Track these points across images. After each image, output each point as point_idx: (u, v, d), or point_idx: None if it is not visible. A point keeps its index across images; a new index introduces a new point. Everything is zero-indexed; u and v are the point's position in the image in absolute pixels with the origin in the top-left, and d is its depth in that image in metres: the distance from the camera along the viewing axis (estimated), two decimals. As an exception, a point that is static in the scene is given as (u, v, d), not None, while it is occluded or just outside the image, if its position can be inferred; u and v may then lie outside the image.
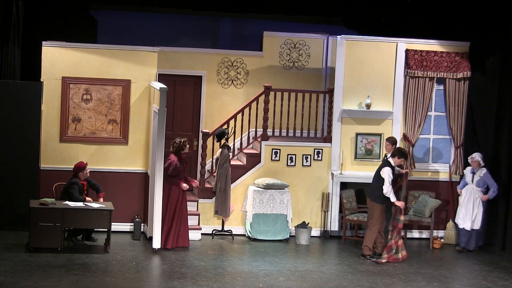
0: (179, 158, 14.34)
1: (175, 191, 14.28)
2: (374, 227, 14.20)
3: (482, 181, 15.02)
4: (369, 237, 14.24)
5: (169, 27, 17.38)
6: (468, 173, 15.20)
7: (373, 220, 14.21)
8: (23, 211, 14.22)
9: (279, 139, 16.01)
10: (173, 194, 14.27)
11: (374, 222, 14.19)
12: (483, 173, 15.01)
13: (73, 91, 15.20)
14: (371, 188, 14.43)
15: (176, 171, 14.25)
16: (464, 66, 16.05)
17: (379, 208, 14.17)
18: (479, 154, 15.12)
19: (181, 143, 14.39)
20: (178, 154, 14.37)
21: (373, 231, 14.21)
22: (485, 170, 15.03)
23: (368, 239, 14.24)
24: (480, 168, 15.04)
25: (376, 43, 15.97)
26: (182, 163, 14.38)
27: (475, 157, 15.06)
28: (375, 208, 14.18)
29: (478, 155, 15.09)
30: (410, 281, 12.99)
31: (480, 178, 15.01)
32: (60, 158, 15.18)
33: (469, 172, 15.16)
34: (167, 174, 14.17)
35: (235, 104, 16.57)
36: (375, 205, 14.17)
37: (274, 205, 15.40)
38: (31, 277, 12.01)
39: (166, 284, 12.14)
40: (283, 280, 12.70)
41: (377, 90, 15.99)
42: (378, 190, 14.11)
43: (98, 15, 16.92)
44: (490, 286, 13.01)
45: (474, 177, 15.09)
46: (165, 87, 14.19)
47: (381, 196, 14.09)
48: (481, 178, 15.01)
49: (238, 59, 16.70)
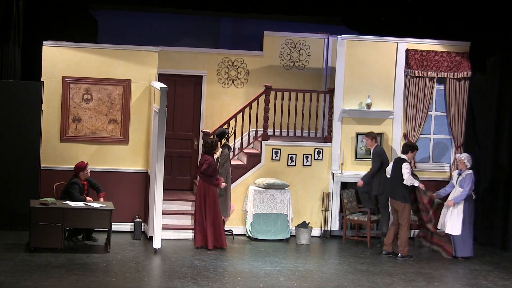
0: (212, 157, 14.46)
1: (212, 191, 14.39)
2: (406, 226, 14.35)
3: (464, 181, 14.44)
4: (404, 237, 14.35)
5: (170, 27, 17.37)
6: (455, 173, 14.82)
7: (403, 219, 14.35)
8: (24, 211, 14.23)
9: (279, 139, 16.02)
10: (210, 194, 14.37)
11: (406, 221, 14.34)
12: (466, 174, 14.46)
13: (73, 91, 15.21)
14: (390, 189, 14.48)
15: (215, 171, 14.35)
16: (465, 66, 16.05)
17: (407, 207, 14.33)
18: (468, 155, 14.61)
19: (213, 143, 14.47)
20: (210, 154, 14.45)
21: (406, 230, 14.37)
22: (470, 171, 14.48)
23: (404, 239, 14.35)
24: (466, 169, 14.51)
25: (376, 43, 15.97)
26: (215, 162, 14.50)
27: (462, 158, 14.56)
28: (403, 208, 14.34)
29: (466, 156, 14.58)
30: (410, 281, 12.99)
31: (463, 179, 14.46)
32: (60, 158, 15.18)
33: (456, 173, 14.79)
34: (207, 175, 14.29)
35: (236, 104, 16.57)
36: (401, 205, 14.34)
37: (274, 205, 15.40)
38: (32, 277, 12.01)
39: (166, 284, 12.14)
40: (283, 280, 12.70)
41: (377, 90, 15.99)
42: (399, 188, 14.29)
43: (98, 15, 16.91)
44: (490, 286, 13.01)
45: (458, 178, 14.60)
46: (165, 87, 14.19)
47: (404, 194, 14.26)
48: (464, 179, 14.46)
49: (238, 59, 16.70)
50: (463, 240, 14.49)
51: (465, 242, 14.50)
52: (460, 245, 14.51)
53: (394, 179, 14.48)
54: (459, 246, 14.51)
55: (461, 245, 14.51)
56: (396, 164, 14.50)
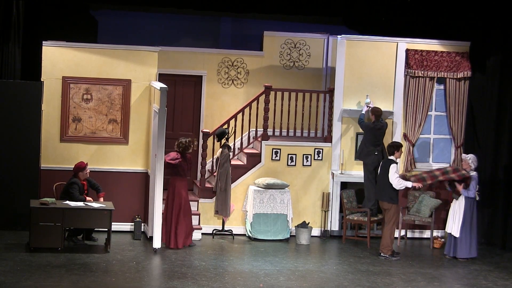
0: (184, 157, 14.38)
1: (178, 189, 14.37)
2: (391, 225, 14.33)
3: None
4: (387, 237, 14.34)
5: (170, 27, 17.37)
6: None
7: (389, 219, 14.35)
8: (24, 211, 14.23)
9: (279, 138, 16.02)
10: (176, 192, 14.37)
11: (391, 221, 14.33)
12: (470, 175, 14.46)
13: (73, 91, 15.21)
14: (378, 189, 14.49)
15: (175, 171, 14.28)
16: (465, 66, 16.05)
17: (393, 207, 14.32)
18: (474, 156, 14.59)
19: (187, 143, 14.43)
20: (183, 154, 14.41)
21: (391, 230, 14.34)
22: (475, 173, 14.45)
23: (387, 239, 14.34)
24: (471, 170, 14.49)
25: (376, 43, 15.97)
26: (186, 162, 14.42)
27: (467, 159, 14.54)
28: (390, 209, 14.32)
29: (471, 157, 14.55)
30: (410, 281, 12.99)
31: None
32: (60, 158, 15.18)
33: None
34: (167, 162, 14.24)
35: (236, 104, 16.58)
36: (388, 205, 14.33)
37: (274, 205, 15.40)
38: (32, 277, 12.02)
39: (166, 284, 12.14)
40: (283, 280, 12.70)
41: (377, 90, 15.99)
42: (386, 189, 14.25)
43: (99, 15, 16.92)
44: (490, 286, 13.01)
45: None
46: (165, 86, 14.20)
47: (391, 195, 14.21)
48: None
49: (238, 59, 16.70)
50: (462, 241, 14.46)
51: (464, 244, 14.47)
52: (459, 246, 14.48)
53: (381, 180, 14.48)
54: (459, 247, 14.49)
55: (460, 247, 14.48)
56: (384, 165, 14.47)
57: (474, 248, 14.55)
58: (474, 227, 14.51)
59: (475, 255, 14.55)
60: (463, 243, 14.47)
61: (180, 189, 14.33)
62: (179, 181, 14.37)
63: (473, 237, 14.52)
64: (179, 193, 14.32)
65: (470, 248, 14.51)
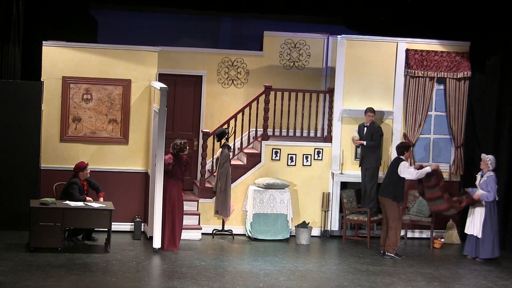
0: (177, 160, 14.31)
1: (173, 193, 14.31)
2: (396, 227, 14.33)
3: (485, 183, 14.50)
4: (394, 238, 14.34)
5: (170, 26, 17.37)
6: (478, 175, 14.76)
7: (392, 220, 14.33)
8: (23, 210, 14.23)
9: (279, 138, 16.02)
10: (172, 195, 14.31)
11: (396, 223, 14.32)
12: (487, 176, 14.51)
13: (73, 91, 15.21)
14: (384, 186, 14.49)
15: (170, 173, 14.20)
16: (465, 66, 16.05)
17: (395, 206, 14.30)
18: (493, 157, 14.59)
19: (181, 145, 14.39)
20: (177, 156, 14.34)
21: (398, 229, 14.35)
22: (492, 173, 14.52)
23: (394, 240, 14.34)
24: (488, 171, 14.55)
25: (376, 43, 15.97)
26: (180, 164, 14.35)
27: (487, 159, 14.55)
28: (392, 207, 14.28)
29: (491, 158, 14.56)
30: (410, 281, 12.99)
31: (484, 181, 14.50)
32: (60, 158, 15.18)
33: (479, 174, 14.73)
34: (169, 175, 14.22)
35: (236, 104, 16.58)
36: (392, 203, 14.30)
37: (274, 205, 15.40)
38: (32, 277, 12.02)
39: (166, 284, 12.14)
40: (283, 280, 12.70)
41: (377, 90, 15.99)
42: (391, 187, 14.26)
43: (98, 15, 16.92)
44: (490, 286, 13.01)
45: (481, 179, 14.63)
46: (165, 86, 14.20)
47: (395, 193, 14.22)
48: (485, 181, 14.49)
49: (238, 59, 16.70)
50: (485, 242, 14.46)
51: (487, 244, 14.46)
52: (482, 247, 14.50)
53: (387, 178, 14.49)
54: (481, 248, 14.50)
55: (483, 247, 14.49)
56: (394, 163, 14.46)
57: (497, 248, 14.57)
58: (495, 227, 14.55)
59: (498, 254, 14.56)
60: (485, 244, 14.47)
61: (171, 192, 14.25)
62: (171, 185, 14.22)
63: (495, 237, 14.54)
64: (170, 196, 14.25)
65: (493, 249, 14.51)
